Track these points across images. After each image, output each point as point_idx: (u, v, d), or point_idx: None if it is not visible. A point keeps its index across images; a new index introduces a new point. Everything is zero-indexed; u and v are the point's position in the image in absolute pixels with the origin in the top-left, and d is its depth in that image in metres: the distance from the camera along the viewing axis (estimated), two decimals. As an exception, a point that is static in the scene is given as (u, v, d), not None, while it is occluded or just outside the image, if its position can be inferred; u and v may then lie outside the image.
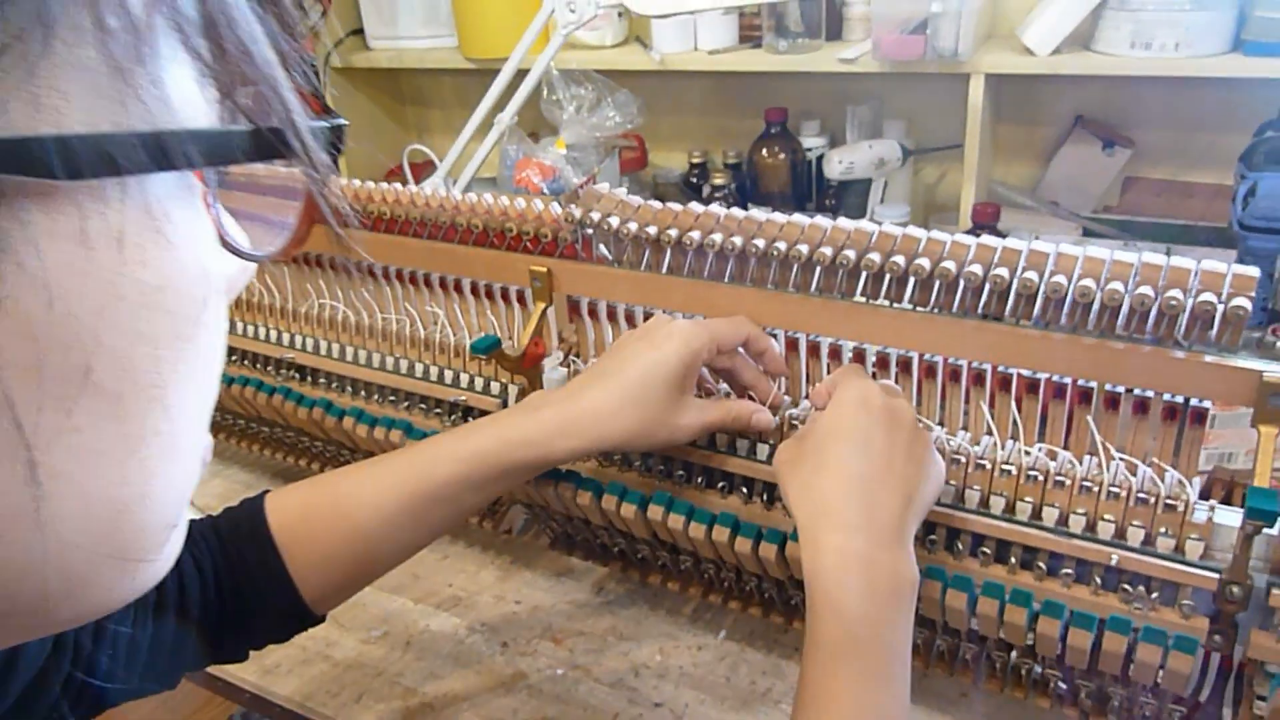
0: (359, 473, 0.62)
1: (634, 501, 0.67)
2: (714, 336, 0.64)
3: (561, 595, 0.84)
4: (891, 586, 0.51)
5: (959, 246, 0.61)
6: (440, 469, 0.60)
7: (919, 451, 0.57)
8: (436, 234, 0.81)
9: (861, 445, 0.55)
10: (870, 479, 0.54)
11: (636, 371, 0.62)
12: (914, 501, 0.55)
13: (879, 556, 0.52)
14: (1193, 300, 0.55)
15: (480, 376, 0.81)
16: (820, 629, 0.50)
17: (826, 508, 0.54)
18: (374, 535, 0.59)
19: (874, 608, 0.50)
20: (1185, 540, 0.56)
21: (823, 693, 0.49)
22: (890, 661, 0.50)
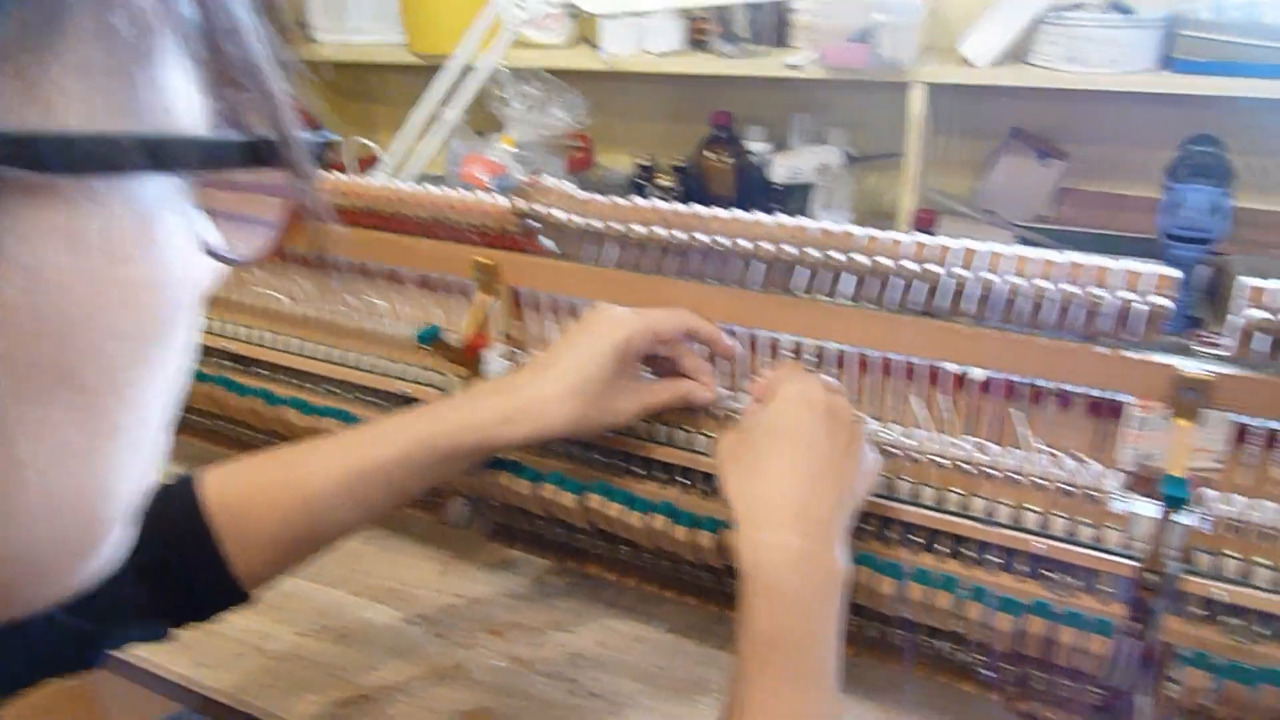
0: (308, 451, 0.62)
1: (572, 490, 0.68)
2: (650, 325, 0.65)
3: (501, 587, 0.84)
4: (825, 581, 0.53)
5: (896, 244, 0.63)
6: (384, 451, 0.61)
7: (856, 449, 0.59)
8: (381, 224, 0.81)
9: (803, 443, 0.57)
10: (810, 477, 0.55)
11: (575, 361, 0.63)
12: (848, 497, 0.57)
13: (814, 553, 0.53)
14: (1116, 298, 0.57)
15: (422, 368, 0.81)
16: (754, 622, 0.52)
17: (765, 503, 0.55)
18: (319, 513, 0.60)
19: (808, 602, 0.52)
20: (1105, 529, 0.59)
21: (756, 687, 0.50)
22: (822, 656, 0.51)
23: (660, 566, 0.74)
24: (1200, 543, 0.57)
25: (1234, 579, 0.56)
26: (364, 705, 0.72)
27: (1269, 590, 0.55)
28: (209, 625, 0.79)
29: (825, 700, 0.51)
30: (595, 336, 0.64)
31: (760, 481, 0.56)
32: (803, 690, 0.50)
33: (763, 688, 0.49)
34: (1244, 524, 0.56)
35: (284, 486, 0.60)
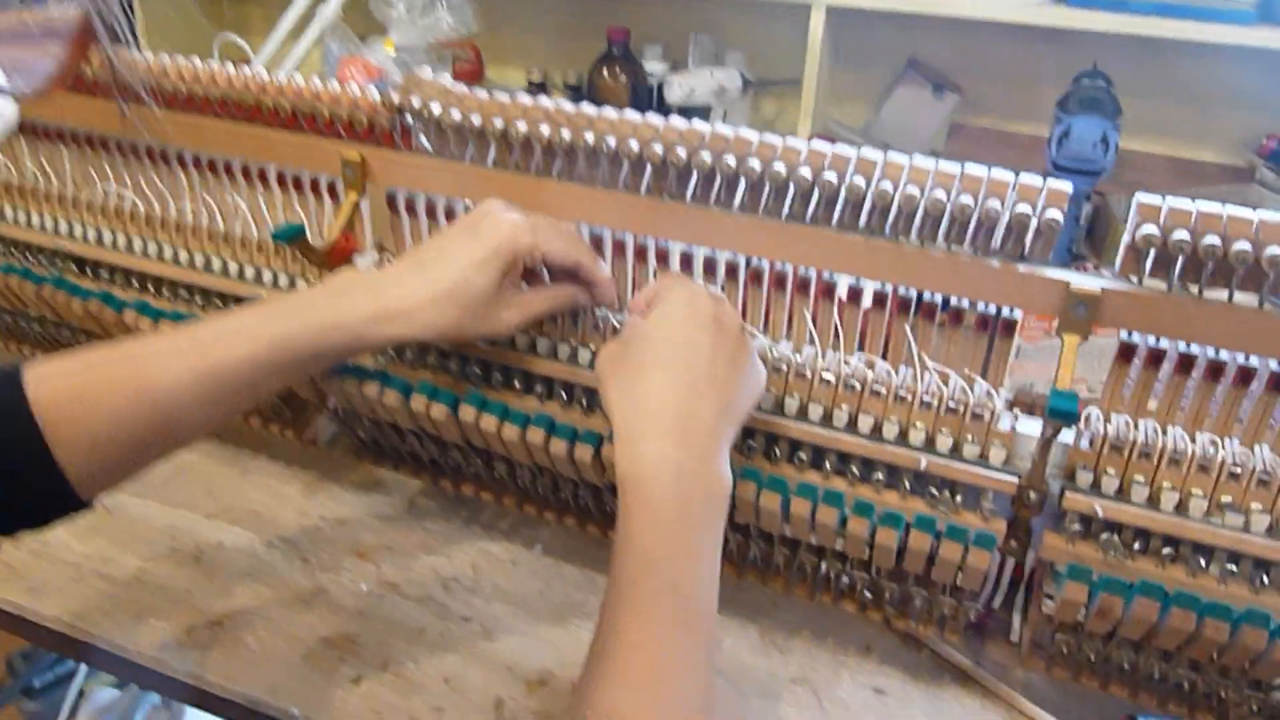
0: (152, 345, 0.56)
1: (445, 402, 0.64)
2: (542, 246, 0.61)
3: (370, 509, 0.80)
4: (705, 494, 0.51)
5: (791, 151, 0.60)
6: (238, 349, 0.56)
7: (742, 360, 0.57)
8: (240, 116, 0.75)
9: (685, 352, 0.55)
10: (691, 386, 0.53)
11: (455, 267, 0.59)
12: (732, 410, 0.55)
13: (694, 464, 0.51)
14: (1010, 211, 0.56)
15: (285, 273, 0.76)
16: (632, 533, 0.49)
17: (645, 413, 0.53)
18: (166, 413, 0.54)
19: (688, 514, 0.50)
20: (990, 447, 0.58)
21: (632, 597, 0.48)
22: (701, 573, 0.50)
23: (539, 486, 0.71)
24: (1080, 460, 0.57)
25: (1112, 496, 0.56)
26: (215, 632, 0.68)
27: (1144, 507, 0.55)
28: (43, 549, 0.74)
29: (702, 616, 0.49)
30: (482, 244, 0.59)
31: (640, 392, 0.54)
32: (679, 607, 0.48)
33: (637, 604, 0.47)
34: (1123, 443, 0.56)
35: (125, 383, 0.54)
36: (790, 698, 0.64)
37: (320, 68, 1.38)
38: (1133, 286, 0.55)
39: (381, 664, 0.65)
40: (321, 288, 0.60)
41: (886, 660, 0.67)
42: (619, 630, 0.47)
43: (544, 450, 0.63)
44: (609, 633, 0.47)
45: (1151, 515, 0.55)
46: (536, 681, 0.64)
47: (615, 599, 0.48)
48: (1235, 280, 0.53)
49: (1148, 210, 0.54)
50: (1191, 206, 0.54)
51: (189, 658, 0.66)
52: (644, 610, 0.47)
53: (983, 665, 0.66)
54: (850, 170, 0.59)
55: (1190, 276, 0.55)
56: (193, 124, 0.76)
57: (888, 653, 0.68)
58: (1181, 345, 0.56)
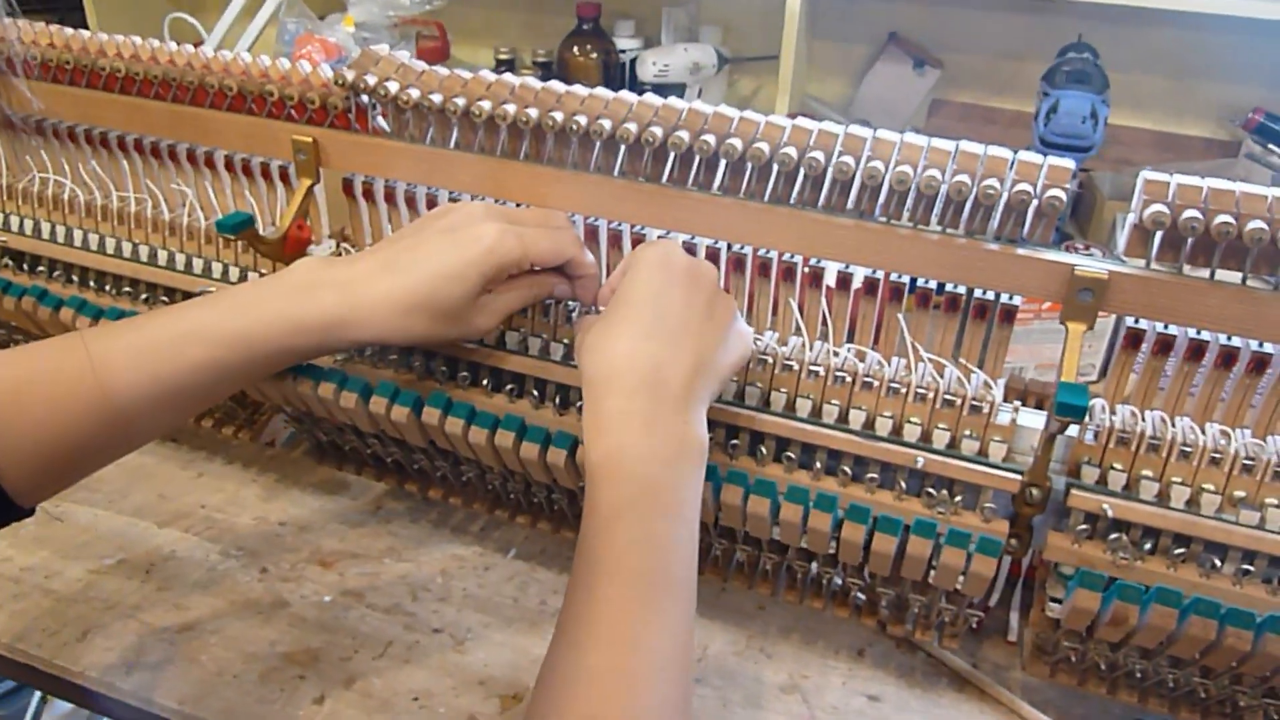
0: (98, 343, 0.52)
1: (406, 404, 0.60)
2: (530, 253, 0.57)
3: (333, 514, 0.76)
4: (676, 450, 0.48)
5: (773, 128, 0.57)
6: (194, 350, 0.52)
7: (720, 314, 0.54)
8: (183, 97, 0.71)
9: (655, 304, 0.52)
10: (661, 340, 0.51)
11: (429, 273, 0.54)
12: (708, 366, 0.52)
13: (665, 417, 0.48)
14: (1009, 191, 0.53)
15: (236, 266, 0.72)
16: (597, 494, 0.47)
17: (612, 370, 0.50)
18: (114, 417, 0.51)
19: (655, 469, 0.47)
20: (989, 442, 0.56)
21: (599, 554, 0.45)
22: (673, 523, 0.47)
23: (510, 490, 0.68)
24: (1085, 455, 0.54)
25: (1119, 493, 0.53)
26: (167, 650, 0.64)
27: (1154, 504, 0.52)
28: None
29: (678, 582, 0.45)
30: (460, 254, 0.55)
31: (608, 348, 0.51)
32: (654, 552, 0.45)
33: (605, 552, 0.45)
34: (1130, 435, 0.53)
35: (71, 382, 0.50)
36: (779, 706, 0.61)
37: (276, 47, 1.33)
38: (1141, 270, 0.52)
39: (346, 681, 0.62)
40: (281, 281, 0.56)
41: (880, 664, 0.64)
42: (588, 588, 0.44)
43: (514, 454, 0.59)
44: (576, 594, 0.44)
45: (1162, 513, 0.52)
46: (511, 697, 0.61)
47: (581, 559, 0.45)
48: (1249, 261, 0.50)
49: (1155, 187, 0.51)
50: (1201, 183, 0.51)
51: (139, 679, 0.62)
52: (613, 567, 0.44)
53: (980, 667, 0.63)
54: (837, 148, 0.56)
55: (1201, 258, 0.51)
56: (134, 106, 0.72)
57: (881, 656, 0.65)
58: (1191, 331, 0.54)
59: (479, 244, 0.55)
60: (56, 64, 0.73)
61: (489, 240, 0.55)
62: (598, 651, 0.42)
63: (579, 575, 0.45)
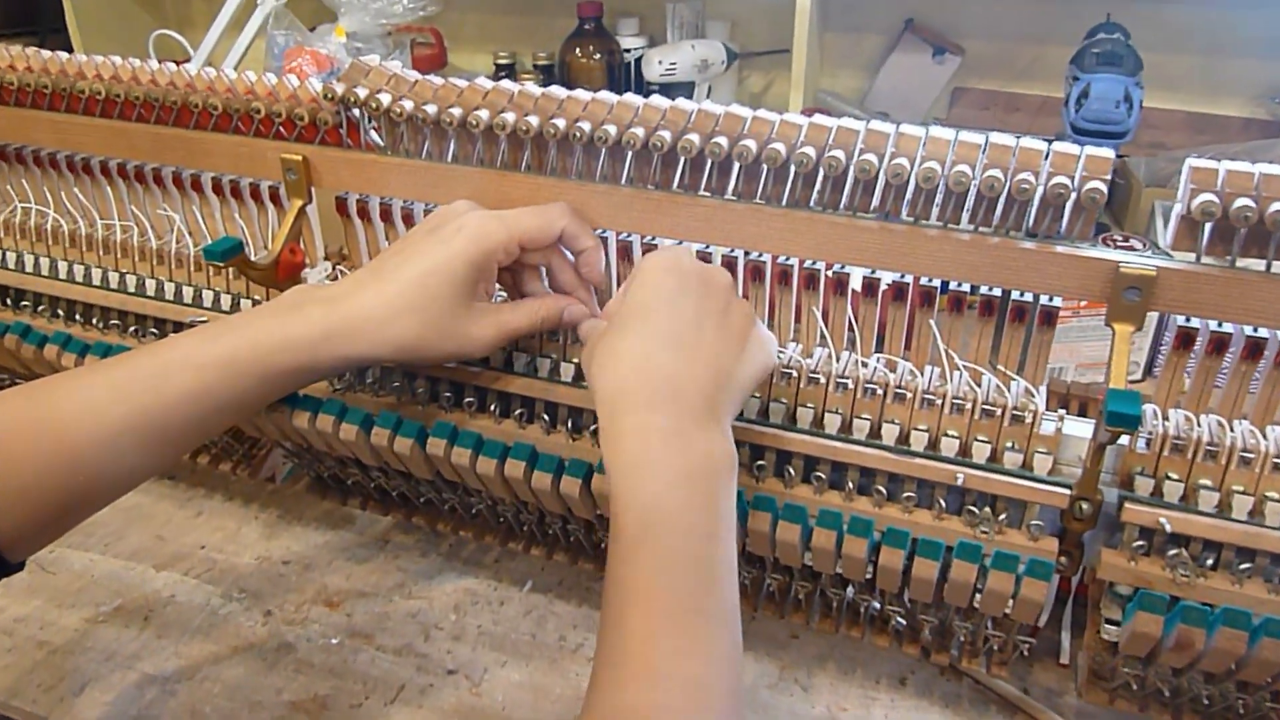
0: (73, 382, 0.52)
1: (410, 435, 0.59)
2: (515, 232, 0.56)
3: (339, 551, 0.75)
4: (701, 466, 0.47)
5: (789, 126, 0.56)
6: (176, 380, 0.52)
7: (737, 322, 0.53)
8: (167, 118, 0.70)
9: (665, 313, 0.51)
10: (675, 350, 0.50)
11: (415, 272, 0.54)
12: (728, 377, 0.51)
13: (684, 431, 0.47)
14: (1045, 185, 0.51)
15: (228, 294, 0.71)
16: (620, 521, 0.45)
17: (625, 385, 0.49)
18: (93, 461, 0.50)
19: (679, 489, 0.46)
20: (1033, 454, 0.54)
21: (627, 583, 0.43)
22: (706, 543, 0.45)
23: (523, 522, 0.67)
24: (1137, 464, 0.52)
25: (1177, 505, 0.51)
26: (166, 701, 0.63)
27: (1214, 516, 0.51)
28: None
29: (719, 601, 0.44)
30: (445, 245, 0.55)
31: (619, 362, 0.50)
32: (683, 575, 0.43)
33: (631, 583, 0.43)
34: (1186, 442, 0.51)
35: (41, 432, 0.50)
36: (818, 743, 0.59)
37: (266, 61, 1.32)
38: (1191, 264, 0.50)
39: (356, 730, 0.60)
40: (267, 305, 0.56)
41: (924, 693, 0.62)
42: (618, 621, 0.43)
43: (526, 484, 0.58)
44: (606, 628, 0.43)
45: (1224, 525, 0.50)
46: (532, 742, 0.60)
47: (609, 589, 0.44)
48: (1307, 252, 0.49)
49: (1202, 175, 0.49)
50: (1253, 169, 0.49)
51: (138, 735, 0.61)
52: (642, 595, 0.43)
53: (1031, 693, 0.61)
54: (858, 146, 0.55)
55: (1254, 249, 0.50)
56: (117, 130, 0.71)
57: (925, 685, 0.63)
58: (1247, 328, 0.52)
59: (460, 234, 0.55)
60: (35, 89, 0.72)
61: (471, 228, 0.55)
62: (634, 687, 0.41)
63: (608, 608, 0.44)
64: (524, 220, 0.57)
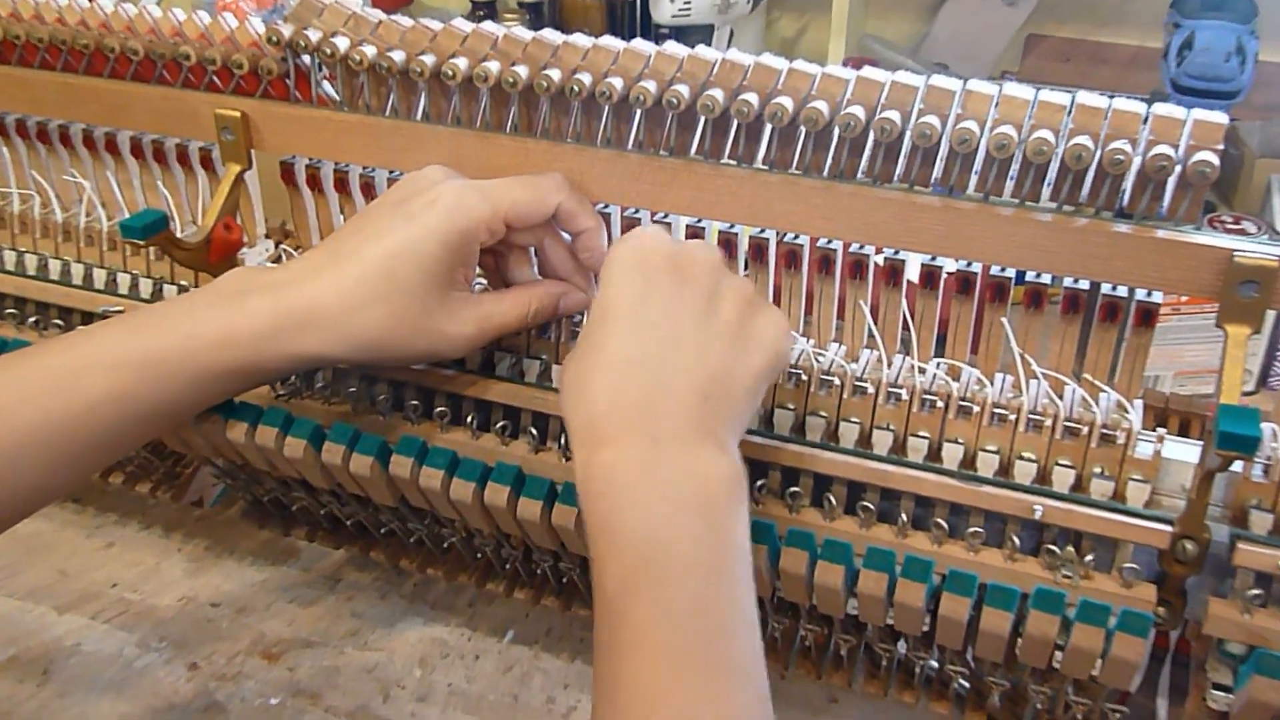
0: None
1: (369, 452, 0.60)
2: (500, 207, 0.57)
3: (280, 591, 0.77)
4: (695, 493, 0.47)
5: (832, 81, 0.57)
6: (87, 382, 0.53)
7: (728, 309, 0.52)
8: (77, 65, 0.72)
9: (634, 317, 0.51)
10: (648, 361, 0.50)
11: (379, 254, 0.55)
12: (722, 381, 0.51)
13: (664, 457, 0.47)
14: (1143, 155, 0.52)
15: (148, 279, 0.72)
16: (602, 569, 0.46)
17: (593, 413, 0.49)
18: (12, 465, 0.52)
19: (670, 524, 0.46)
20: (1126, 482, 0.54)
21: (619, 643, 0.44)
22: (708, 582, 0.45)
23: (505, 558, 0.68)
24: (1253, 496, 0.53)
25: (1301, 545, 0.51)
26: (70, 775, 0.63)
27: (1347, 559, 0.51)
28: None
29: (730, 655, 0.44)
30: (414, 222, 0.56)
31: (586, 387, 0.50)
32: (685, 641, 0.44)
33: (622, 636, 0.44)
34: (1312, 468, 0.52)
35: None
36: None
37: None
38: (1320, 253, 0.50)
39: (300, 810, 0.61)
40: (203, 292, 0.57)
41: (990, 771, 0.63)
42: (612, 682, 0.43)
43: (509, 513, 0.59)
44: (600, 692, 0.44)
45: (1359, 571, 0.50)
46: (513, 826, 0.60)
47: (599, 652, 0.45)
48: None
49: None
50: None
51: (34, 815, 0.61)
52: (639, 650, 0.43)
53: (1121, 772, 0.62)
54: (916, 106, 0.55)
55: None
56: (15, 78, 0.73)
57: (991, 761, 0.63)
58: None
59: (433, 208, 0.56)
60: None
61: (446, 201, 0.56)
62: None
63: (601, 674, 0.44)
64: (511, 192, 0.58)
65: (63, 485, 0.55)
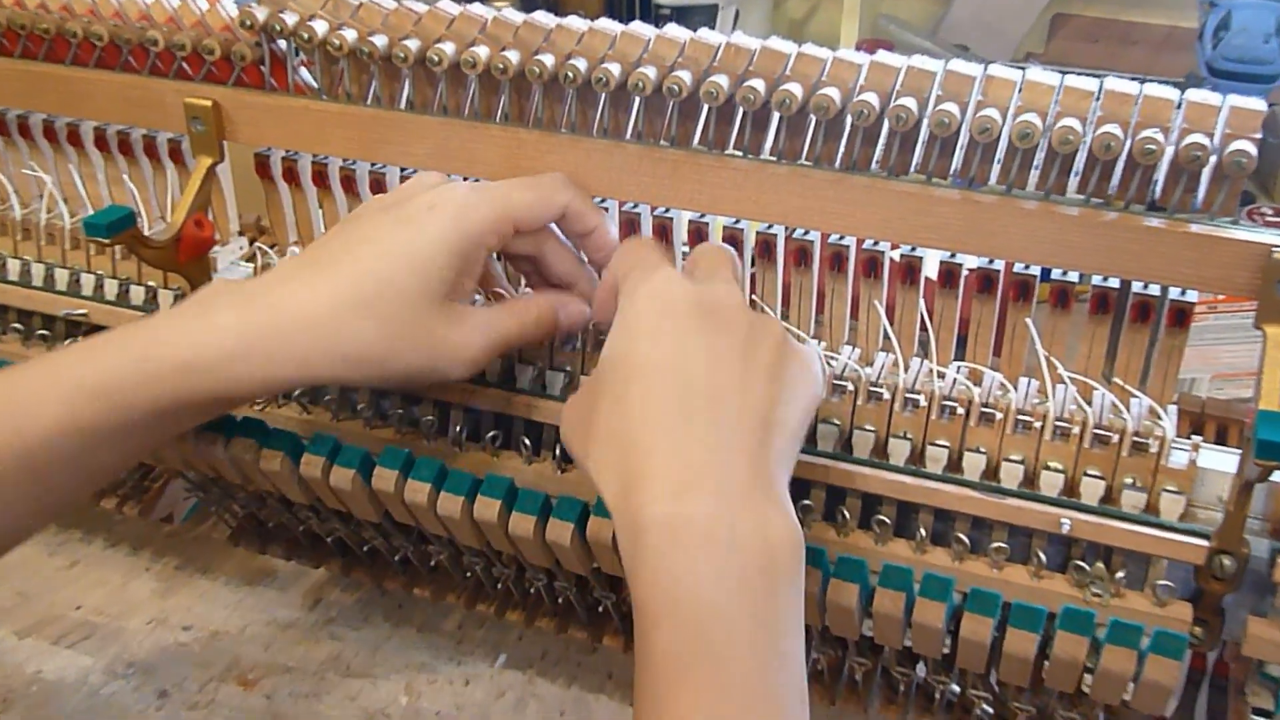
0: None
1: (350, 465, 0.60)
2: (507, 209, 0.57)
3: (256, 613, 0.76)
4: (758, 560, 0.47)
5: (844, 67, 0.57)
6: (42, 414, 0.52)
7: (766, 353, 0.53)
8: (37, 51, 0.72)
9: (670, 371, 0.51)
10: (697, 413, 0.50)
11: (370, 259, 0.55)
12: (775, 429, 0.51)
13: (730, 518, 0.48)
14: (1176, 145, 0.52)
15: (113, 279, 0.73)
16: (654, 642, 0.46)
17: (640, 468, 0.49)
18: None
19: (731, 596, 0.46)
20: (1160, 494, 0.55)
21: (660, 713, 0.44)
22: (768, 665, 0.46)
23: (496, 577, 0.68)
24: (1295, 508, 0.53)
25: (1347, 560, 0.52)
26: (32, 812, 0.63)
27: (1396, 575, 0.51)
28: None
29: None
30: (411, 226, 0.55)
31: (624, 438, 0.50)
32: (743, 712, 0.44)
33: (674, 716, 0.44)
34: (1359, 479, 0.52)
35: None
36: None
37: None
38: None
39: None
40: (176, 308, 0.57)
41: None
42: None
43: (501, 530, 0.59)
44: None
45: None
46: None
47: None
48: None
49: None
50: None
51: None
52: None
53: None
54: (934, 92, 0.56)
55: None
56: None
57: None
58: None
59: (436, 212, 0.56)
60: None
61: (451, 204, 0.56)
62: None
63: None
64: (516, 194, 0.58)
65: (25, 525, 0.55)
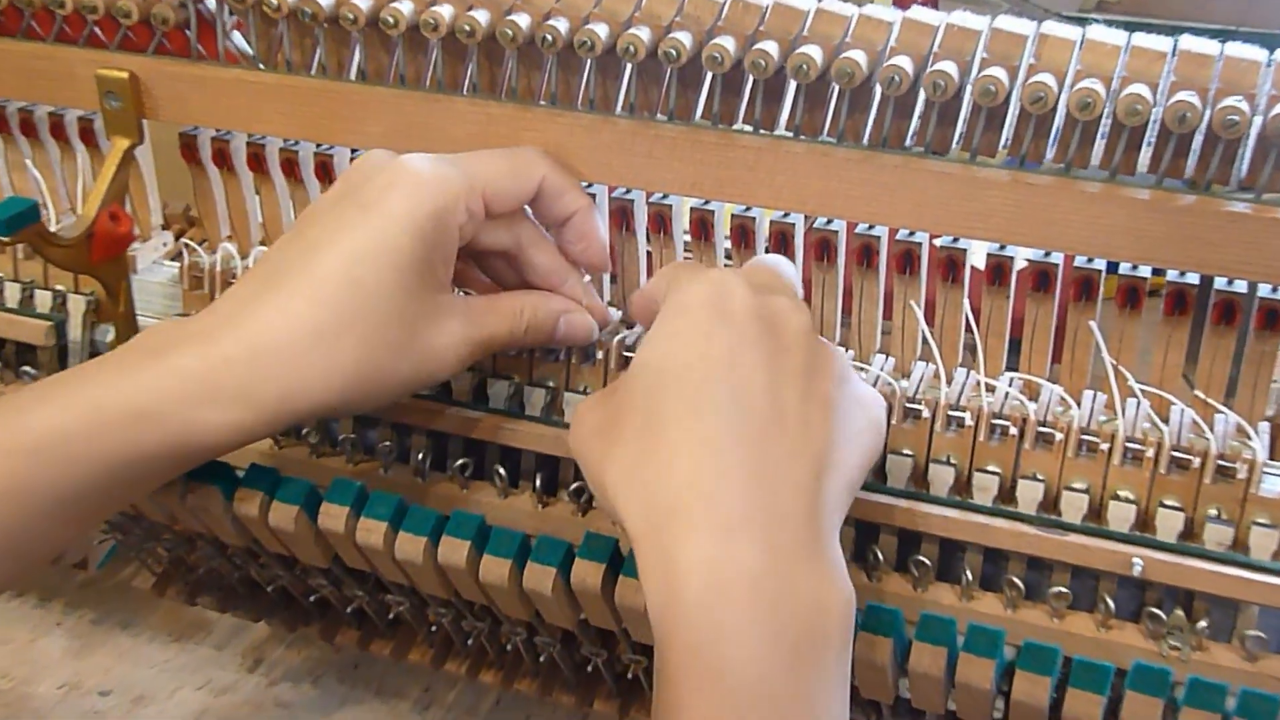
0: None
1: (294, 501, 0.60)
2: (478, 183, 0.57)
3: (187, 674, 0.78)
4: (809, 626, 0.48)
5: (872, 25, 0.57)
6: None
7: (824, 385, 0.53)
8: None
9: (723, 383, 0.51)
10: (750, 434, 0.50)
11: (335, 262, 0.55)
12: (833, 469, 0.51)
13: (782, 572, 0.48)
14: (1265, 115, 0.52)
15: (14, 283, 0.74)
16: (688, 704, 0.46)
17: (677, 501, 0.49)
18: None
19: (781, 665, 0.47)
20: (1249, 528, 0.55)
21: None
22: None
23: (467, 630, 0.68)
24: None
25: None
26: None
27: None
28: None
29: None
30: (370, 212, 0.56)
31: (659, 466, 0.50)
32: None
33: None
34: None
35: None
36: None
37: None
38: None
39: None
40: (119, 352, 0.57)
41: None
42: None
43: (471, 577, 0.59)
44: None
45: None
46: None
47: None
48: None
49: None
50: None
51: None
52: None
53: None
54: (978, 56, 0.55)
55: None
56: None
57: None
58: None
59: (394, 190, 0.56)
60: None
61: (409, 178, 0.56)
62: None
63: None
64: (487, 164, 0.58)
65: None
